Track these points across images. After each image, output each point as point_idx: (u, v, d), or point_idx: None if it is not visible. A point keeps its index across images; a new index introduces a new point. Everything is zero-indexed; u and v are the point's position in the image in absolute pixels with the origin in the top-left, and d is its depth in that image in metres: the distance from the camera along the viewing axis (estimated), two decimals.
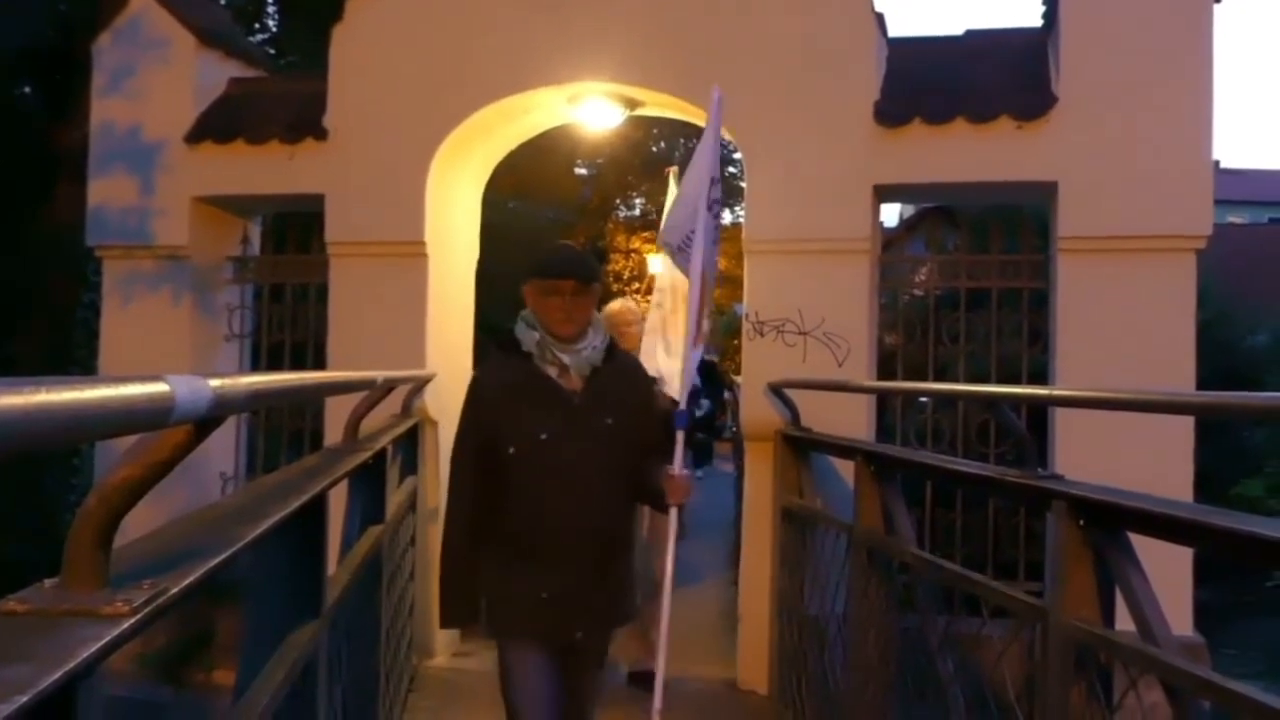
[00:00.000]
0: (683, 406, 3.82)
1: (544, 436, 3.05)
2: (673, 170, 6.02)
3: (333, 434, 5.78)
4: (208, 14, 7.20)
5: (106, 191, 6.81)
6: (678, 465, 3.45)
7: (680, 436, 3.64)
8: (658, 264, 18.33)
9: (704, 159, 4.13)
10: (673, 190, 5.71)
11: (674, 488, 3.20)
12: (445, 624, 3.23)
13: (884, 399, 6.62)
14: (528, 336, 3.14)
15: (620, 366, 3.27)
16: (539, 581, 3.06)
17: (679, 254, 4.12)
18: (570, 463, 3.05)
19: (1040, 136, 5.72)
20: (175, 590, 1.24)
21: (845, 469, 4.74)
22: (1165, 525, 2.23)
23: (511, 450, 3.05)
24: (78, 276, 9.05)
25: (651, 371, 5.33)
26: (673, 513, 3.38)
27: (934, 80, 5.96)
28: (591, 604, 3.13)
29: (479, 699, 5.53)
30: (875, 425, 6.12)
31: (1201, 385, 5.62)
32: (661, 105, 6.52)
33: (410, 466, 5.49)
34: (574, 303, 3.11)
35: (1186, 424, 5.44)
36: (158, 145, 6.75)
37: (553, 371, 3.12)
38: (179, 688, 6.25)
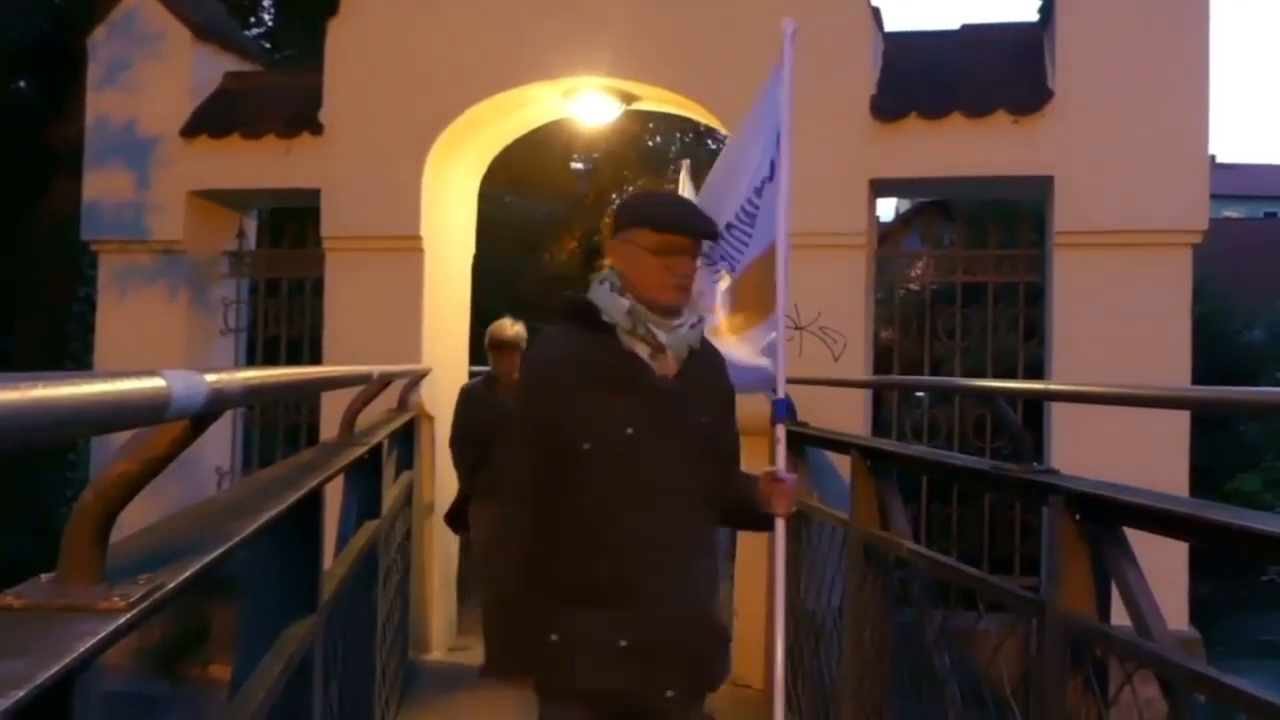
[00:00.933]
0: (780, 394, 3.18)
1: (630, 431, 2.34)
2: (685, 164, 5.76)
3: (328, 429, 5.78)
4: (203, 8, 7.19)
5: (102, 186, 6.80)
6: (781, 466, 2.81)
7: (781, 432, 3.04)
8: None
9: (775, 109, 3.45)
10: (685, 185, 5.27)
11: (780, 493, 2.58)
12: (496, 674, 2.55)
13: (880, 394, 6.63)
14: (614, 304, 2.39)
15: (710, 353, 2.60)
16: (617, 624, 2.32)
17: (731, 230, 3.54)
18: (659, 467, 2.37)
19: (1036, 131, 5.72)
20: (171, 585, 1.24)
21: (841, 464, 4.74)
22: (1161, 520, 2.23)
23: (587, 446, 2.33)
24: (73, 271, 9.03)
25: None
26: (780, 526, 2.82)
27: (930, 75, 5.96)
28: (684, 657, 2.38)
29: (475, 693, 5.54)
30: (871, 420, 6.12)
31: (1197, 380, 5.62)
32: (658, 99, 6.51)
33: (406, 461, 5.49)
34: (690, 267, 2.44)
35: (1183, 419, 5.45)
36: (153, 139, 6.74)
37: (643, 351, 2.40)
38: (175, 682, 6.25)
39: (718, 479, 2.51)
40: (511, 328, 5.59)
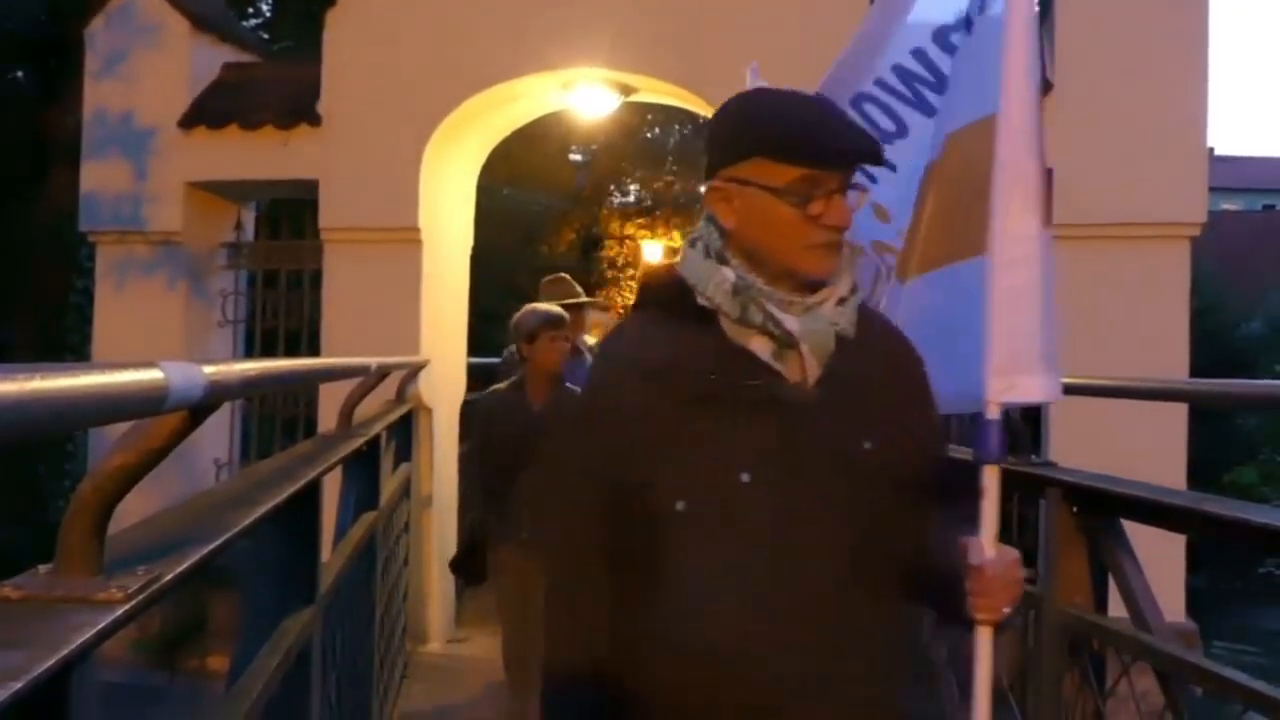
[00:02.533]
0: (993, 412, 1.90)
1: (746, 478, 1.48)
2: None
3: (327, 420, 5.78)
4: None
5: (100, 177, 6.78)
6: (989, 541, 1.69)
7: (992, 480, 1.88)
8: (655, 251, 18.12)
9: None
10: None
11: (984, 584, 1.59)
12: None
13: None
14: (714, 276, 1.53)
15: (878, 335, 1.66)
16: None
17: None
18: (800, 530, 1.49)
19: None
20: (169, 577, 1.24)
21: None
22: (1158, 512, 2.24)
23: (680, 507, 1.48)
24: (71, 262, 9.04)
25: None
26: (983, 638, 1.74)
27: None
28: None
29: (473, 685, 5.55)
30: None
31: (1196, 373, 5.64)
32: (656, 91, 6.51)
33: (404, 453, 5.49)
34: (847, 212, 1.55)
35: (1180, 411, 5.45)
36: (151, 130, 6.72)
37: (762, 349, 1.52)
38: (173, 674, 6.26)
39: (904, 536, 1.57)
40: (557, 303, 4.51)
